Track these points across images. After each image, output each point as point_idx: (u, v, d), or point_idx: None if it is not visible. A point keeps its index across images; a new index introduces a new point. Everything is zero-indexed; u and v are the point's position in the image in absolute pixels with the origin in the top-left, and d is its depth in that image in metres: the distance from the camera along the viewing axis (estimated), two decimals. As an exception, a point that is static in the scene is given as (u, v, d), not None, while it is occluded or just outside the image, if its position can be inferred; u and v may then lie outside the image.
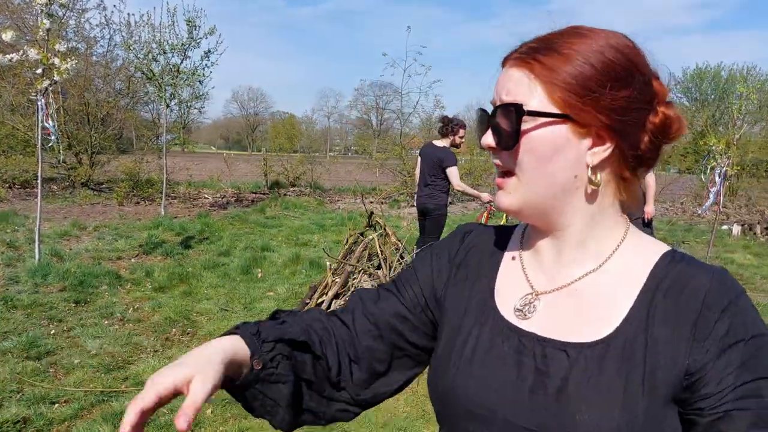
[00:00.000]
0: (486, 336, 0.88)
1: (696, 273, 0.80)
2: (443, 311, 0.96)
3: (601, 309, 0.82)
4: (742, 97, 8.04)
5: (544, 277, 0.90)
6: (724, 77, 27.74)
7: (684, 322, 0.77)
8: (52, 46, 6.30)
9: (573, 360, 0.79)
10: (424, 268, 1.01)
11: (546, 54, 0.81)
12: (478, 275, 0.96)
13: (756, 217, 14.40)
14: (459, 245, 1.01)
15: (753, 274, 8.59)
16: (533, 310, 0.87)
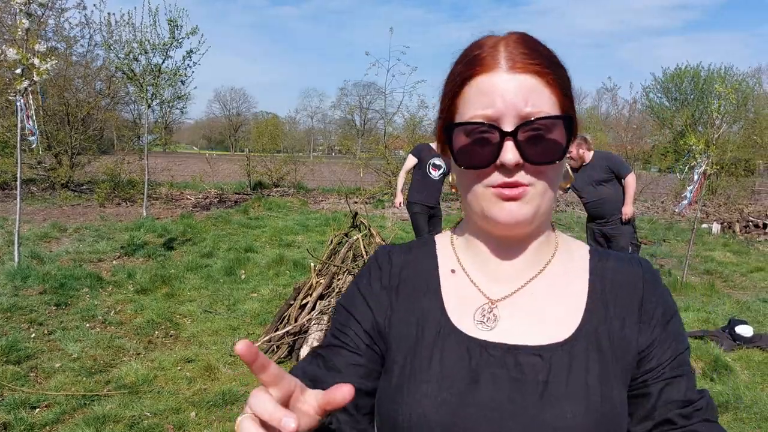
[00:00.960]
0: (451, 356, 0.82)
1: (628, 265, 0.92)
2: (390, 342, 0.88)
3: (559, 308, 0.86)
4: (721, 96, 8.14)
5: (497, 285, 0.88)
6: (703, 77, 28.07)
7: (631, 309, 0.87)
8: (32, 46, 6.22)
9: (548, 362, 0.81)
10: (359, 305, 0.91)
11: (547, 61, 0.81)
12: (419, 295, 0.90)
13: (735, 215, 14.62)
14: (388, 268, 0.93)
15: (732, 272, 8.72)
16: (495, 319, 0.85)
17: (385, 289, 0.92)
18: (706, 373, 4.66)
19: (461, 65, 0.83)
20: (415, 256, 0.95)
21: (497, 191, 0.80)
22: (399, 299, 0.91)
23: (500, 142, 0.78)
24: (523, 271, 0.88)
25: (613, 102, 29.93)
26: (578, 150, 6.42)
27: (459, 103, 0.82)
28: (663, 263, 9.22)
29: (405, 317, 0.89)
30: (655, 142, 26.50)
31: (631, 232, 6.47)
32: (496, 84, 0.79)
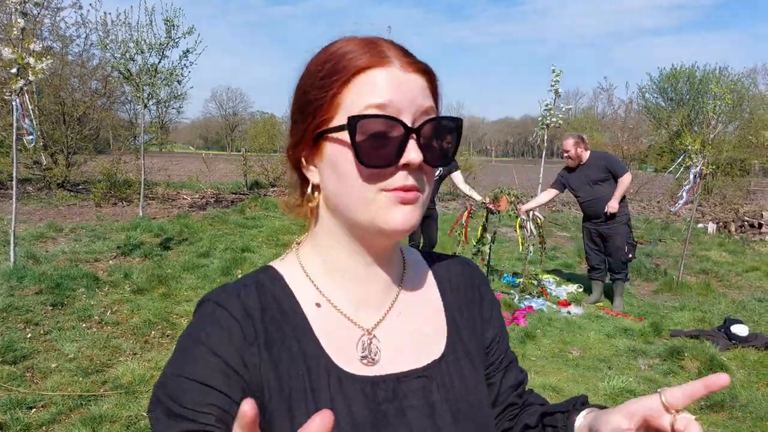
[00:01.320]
0: (342, 403, 0.75)
1: (461, 266, 0.96)
2: (273, 412, 0.73)
3: (425, 323, 0.86)
4: (717, 97, 8.17)
5: (366, 311, 0.82)
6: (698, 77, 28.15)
7: (476, 309, 0.92)
8: (27, 46, 6.20)
9: (434, 381, 0.81)
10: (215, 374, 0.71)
11: (423, 64, 0.78)
12: (293, 342, 0.76)
13: (730, 215, 14.67)
14: (245, 319, 0.75)
15: (728, 271, 8.75)
16: (377, 350, 0.80)
17: (248, 343, 0.74)
18: (702, 372, 4.68)
19: (344, 60, 0.75)
20: (270, 296, 0.79)
21: (396, 195, 0.73)
22: (271, 354, 0.75)
23: (404, 140, 0.73)
24: (386, 291, 0.84)
25: (609, 102, 30.04)
26: (576, 149, 6.44)
27: (344, 99, 0.74)
28: (659, 263, 9.25)
29: (282, 372, 0.74)
30: (652, 142, 26.56)
31: (627, 231, 6.49)
32: (393, 77, 0.74)
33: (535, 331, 5.60)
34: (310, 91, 0.77)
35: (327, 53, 0.77)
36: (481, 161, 25.19)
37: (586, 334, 5.61)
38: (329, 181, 0.77)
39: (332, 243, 0.81)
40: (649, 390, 4.43)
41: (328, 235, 0.81)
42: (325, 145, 0.76)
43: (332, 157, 0.75)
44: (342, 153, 0.74)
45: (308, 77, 0.78)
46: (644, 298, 7.17)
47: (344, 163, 0.74)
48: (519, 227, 6.89)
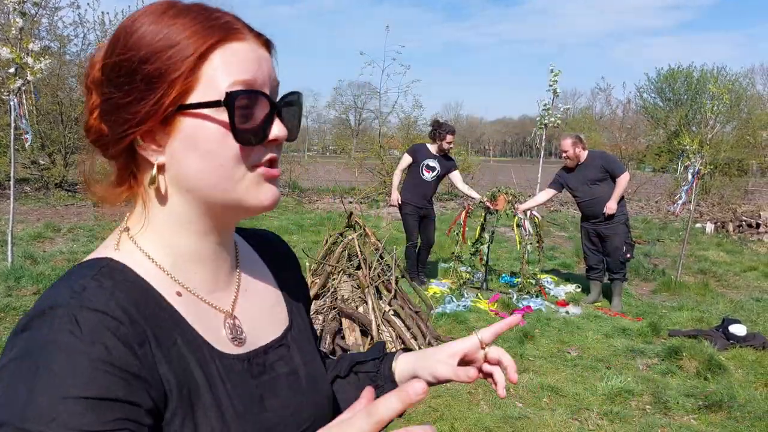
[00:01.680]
0: (232, 385, 0.74)
1: (267, 234, 0.99)
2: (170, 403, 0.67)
3: (268, 296, 0.89)
4: (715, 97, 8.18)
5: (220, 293, 0.81)
6: (696, 78, 28.20)
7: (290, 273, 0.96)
8: (25, 45, 6.19)
9: (290, 348, 0.85)
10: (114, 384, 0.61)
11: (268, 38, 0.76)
12: (174, 335, 0.71)
13: (728, 215, 14.69)
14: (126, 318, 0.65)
15: (726, 271, 8.76)
16: (241, 330, 0.80)
17: (141, 345, 0.66)
18: (700, 372, 4.68)
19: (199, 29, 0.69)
20: (133, 293, 0.70)
21: (265, 171, 0.73)
22: (162, 350, 0.68)
23: (270, 116, 0.72)
24: (231, 271, 0.84)
25: (607, 102, 30.06)
26: (574, 149, 6.45)
27: (205, 72, 0.69)
28: (657, 263, 9.26)
29: (179, 368, 0.69)
30: (649, 142, 26.60)
31: (625, 231, 6.50)
32: (253, 51, 0.72)
33: (533, 331, 5.60)
34: (155, 59, 0.68)
35: (171, 15, 0.70)
36: (479, 161, 25.16)
37: (584, 334, 5.61)
38: (187, 160, 0.70)
39: (180, 228, 0.75)
40: (648, 390, 4.43)
41: (176, 220, 0.75)
42: (181, 121, 0.69)
43: (194, 134, 0.69)
44: (208, 130, 0.69)
45: (149, 43, 0.68)
46: (642, 298, 7.18)
47: (210, 141, 0.69)
48: (516, 226, 6.89)
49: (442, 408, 4.00)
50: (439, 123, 7.24)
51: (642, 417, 4.01)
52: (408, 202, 7.08)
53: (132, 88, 0.69)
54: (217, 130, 0.69)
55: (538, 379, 4.55)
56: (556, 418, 3.91)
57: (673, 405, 4.17)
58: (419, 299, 5.55)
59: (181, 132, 0.70)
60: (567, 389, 4.38)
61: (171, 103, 0.68)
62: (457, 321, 5.79)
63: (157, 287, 0.72)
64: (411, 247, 7.10)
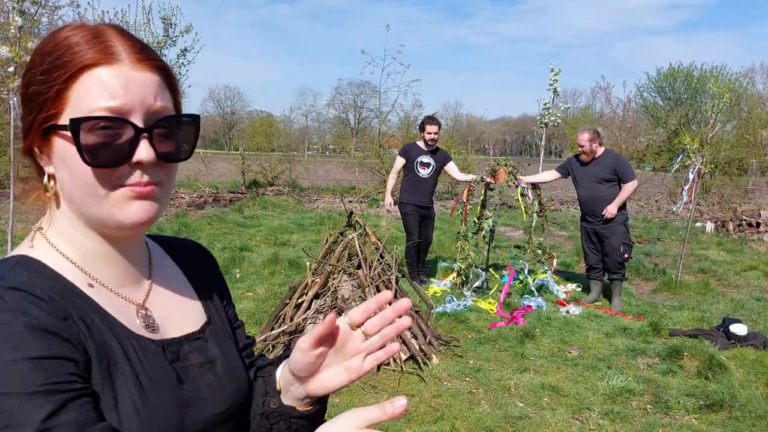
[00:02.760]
0: (147, 361, 0.79)
1: (187, 242, 1.05)
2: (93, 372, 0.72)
3: (182, 296, 0.94)
4: (715, 96, 8.17)
5: (131, 290, 0.86)
6: (696, 77, 28.18)
7: (208, 278, 1.01)
8: (25, 44, 6.17)
9: (208, 341, 0.91)
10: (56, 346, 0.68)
11: (160, 59, 0.80)
12: (92, 315, 0.76)
13: (729, 214, 14.68)
14: (50, 296, 0.72)
15: (726, 271, 8.75)
16: (153, 320, 0.85)
17: (65, 319, 0.72)
18: (701, 371, 4.67)
19: (68, 53, 0.74)
20: (49, 279, 0.76)
21: (130, 190, 0.76)
22: (85, 324, 0.74)
23: (134, 139, 0.75)
24: (141, 271, 0.89)
25: (607, 101, 30.00)
26: (591, 145, 6.45)
27: (72, 95, 0.74)
28: (657, 262, 9.25)
29: (100, 341, 0.75)
30: (650, 141, 26.59)
31: (623, 232, 6.51)
32: (122, 77, 0.74)
33: (534, 330, 5.59)
34: (32, 84, 0.76)
35: (52, 43, 0.76)
36: (480, 160, 25.15)
37: (585, 334, 5.60)
38: (62, 174, 0.77)
39: (77, 231, 0.81)
40: (648, 390, 4.42)
41: (71, 224, 0.81)
42: (54, 139, 0.76)
43: (62, 152, 0.75)
44: (70, 150, 0.74)
45: (31, 68, 0.76)
46: (643, 298, 7.17)
47: (73, 160, 0.74)
48: (521, 195, 6.84)
49: (442, 407, 4.00)
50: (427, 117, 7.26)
51: (643, 417, 4.01)
52: (408, 202, 7.07)
53: (24, 104, 0.78)
54: (75, 151, 0.74)
55: (539, 378, 4.55)
56: (557, 418, 3.91)
57: (674, 405, 4.16)
58: (419, 298, 5.54)
59: (54, 149, 0.76)
60: (568, 389, 4.38)
61: (42, 122, 0.75)
62: (458, 320, 5.79)
63: (71, 279, 0.78)
64: (411, 246, 7.09)
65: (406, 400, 0.67)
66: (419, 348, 4.72)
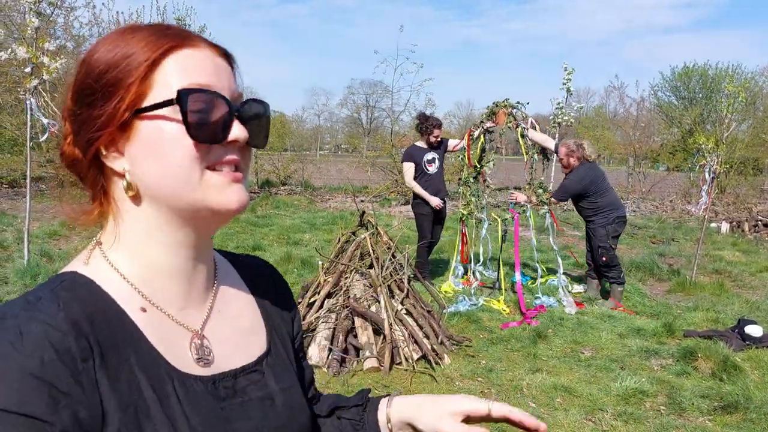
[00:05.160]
0: (190, 405, 0.72)
1: (255, 259, 0.98)
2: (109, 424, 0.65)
3: (245, 318, 0.87)
4: (730, 95, 8.09)
5: (189, 312, 0.79)
6: (711, 76, 27.92)
7: (279, 299, 0.95)
8: (41, 45, 6.24)
9: (265, 374, 0.83)
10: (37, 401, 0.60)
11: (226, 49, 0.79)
12: (127, 352, 0.70)
13: (744, 214, 14.53)
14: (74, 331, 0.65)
15: (741, 271, 8.67)
16: (209, 351, 0.79)
17: (84, 360, 0.65)
18: (716, 373, 4.64)
19: (155, 37, 0.72)
20: (93, 303, 0.70)
21: (223, 173, 0.73)
22: (108, 367, 0.67)
23: (228, 118, 0.72)
24: (205, 289, 0.83)
25: (620, 100, 29.73)
26: (568, 159, 6.61)
27: (160, 76, 0.71)
28: (672, 262, 9.18)
29: (126, 387, 0.68)
30: (664, 140, 26.37)
31: (602, 234, 6.64)
32: (208, 58, 0.73)
33: (546, 330, 5.57)
34: (112, 69, 0.71)
35: (129, 33, 0.73)
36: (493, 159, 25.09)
37: (598, 334, 5.58)
38: (146, 164, 0.71)
39: (150, 240, 0.75)
40: (662, 391, 4.40)
41: (145, 230, 0.75)
42: (138, 125, 0.71)
43: (150, 137, 0.71)
44: (163, 131, 0.70)
45: (106, 58, 0.72)
46: (657, 298, 7.12)
47: (165, 142, 0.70)
48: (521, 137, 6.74)
49: (454, 407, 3.99)
50: (426, 116, 7.14)
51: (656, 418, 3.99)
52: (424, 202, 7.03)
53: (93, 101, 0.71)
54: (172, 130, 0.70)
55: (552, 379, 4.53)
56: (569, 419, 3.90)
57: (687, 406, 4.14)
58: (431, 298, 5.54)
59: (138, 136, 0.71)
60: (581, 390, 4.36)
61: (127, 108, 0.70)
62: (470, 320, 5.78)
63: (120, 302, 0.72)
64: (423, 246, 7.09)
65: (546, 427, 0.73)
66: (431, 347, 4.72)
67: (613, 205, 6.70)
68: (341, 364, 4.55)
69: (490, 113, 6.81)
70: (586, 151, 6.58)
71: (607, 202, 6.63)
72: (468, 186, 6.94)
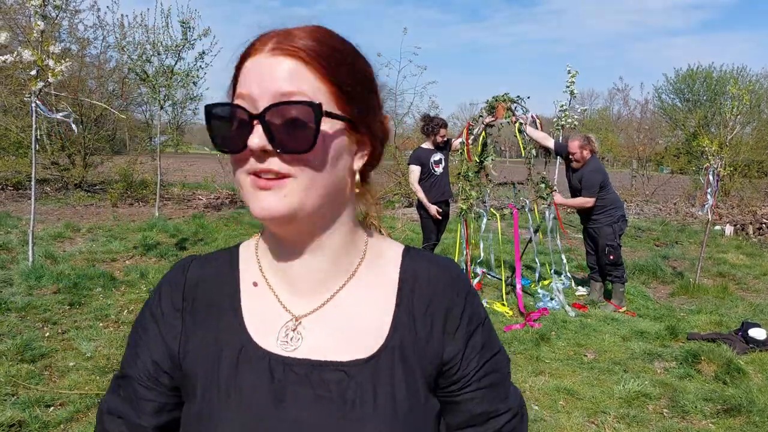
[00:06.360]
0: (251, 377, 0.78)
1: (438, 268, 0.88)
2: (186, 370, 0.83)
3: (365, 320, 0.83)
4: (734, 98, 8.08)
5: (301, 298, 0.83)
6: (715, 78, 27.85)
7: (436, 316, 0.84)
8: (46, 48, 6.28)
9: (353, 378, 0.78)
10: (150, 331, 0.87)
11: (323, 50, 0.76)
12: (218, 315, 0.84)
13: (748, 217, 14.48)
14: (181, 286, 0.87)
15: (745, 274, 8.65)
16: (300, 337, 0.80)
17: (178, 310, 0.86)
18: (719, 376, 4.63)
19: (238, 52, 0.80)
20: (215, 269, 0.88)
21: (252, 179, 0.74)
22: (195, 321, 0.85)
23: (249, 125, 0.73)
24: (326, 280, 0.83)
25: (624, 103, 29.75)
26: (582, 152, 6.51)
27: (236, 88, 0.77)
28: (675, 265, 9.16)
29: (202, 341, 0.83)
30: (668, 143, 26.32)
31: (608, 233, 6.59)
32: (257, 65, 0.75)
33: (549, 333, 5.57)
34: None
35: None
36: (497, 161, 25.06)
37: (601, 337, 5.57)
38: None
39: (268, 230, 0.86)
40: (665, 394, 4.39)
41: None
42: None
43: None
44: None
45: None
46: (660, 301, 7.11)
47: None
48: (519, 132, 6.76)
49: (457, 410, 3.99)
50: (431, 117, 7.16)
51: (659, 421, 3.98)
52: (431, 203, 7.03)
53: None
54: None
55: (555, 381, 4.53)
56: (572, 422, 3.89)
57: (691, 409, 4.13)
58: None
59: None
60: (583, 392, 4.36)
61: None
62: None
63: (242, 272, 0.87)
64: (428, 248, 7.09)
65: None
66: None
67: (617, 203, 6.72)
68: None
69: (490, 108, 6.83)
70: (595, 144, 6.63)
71: (612, 199, 6.65)
72: (468, 180, 6.95)
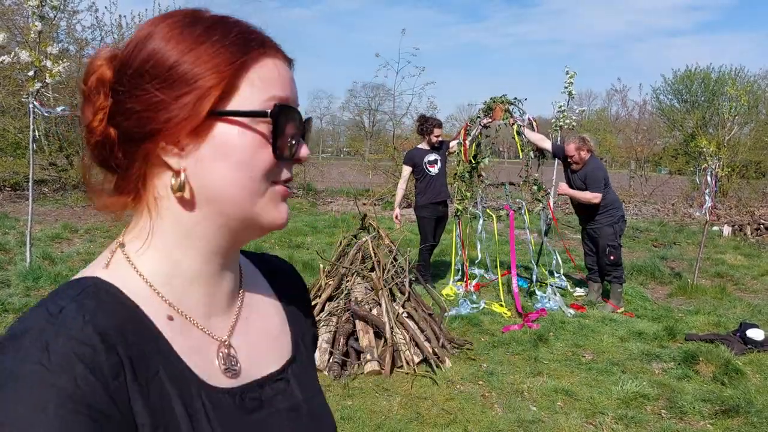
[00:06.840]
0: (218, 422, 0.68)
1: (280, 262, 0.95)
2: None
3: (271, 324, 0.84)
4: (732, 98, 8.10)
5: (216, 319, 0.76)
6: (713, 79, 27.91)
7: (300, 305, 0.91)
8: (44, 48, 6.27)
9: (290, 382, 0.80)
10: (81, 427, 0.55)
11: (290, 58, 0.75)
12: (156, 366, 0.65)
13: (746, 218, 14.49)
14: (103, 346, 0.60)
15: (743, 275, 8.66)
16: (236, 361, 0.75)
17: (116, 377, 0.60)
18: (717, 377, 4.63)
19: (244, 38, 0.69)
20: (119, 313, 0.65)
21: (282, 189, 0.71)
22: (139, 384, 0.62)
23: (300, 135, 0.72)
24: (232, 295, 0.79)
25: (623, 103, 29.76)
26: (579, 153, 6.53)
27: (244, 82, 0.68)
28: (673, 266, 9.17)
29: (158, 405, 0.64)
30: (666, 144, 26.36)
31: (609, 233, 6.61)
32: (284, 69, 0.72)
33: (547, 334, 5.57)
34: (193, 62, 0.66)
35: (209, 24, 0.69)
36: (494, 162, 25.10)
37: (599, 338, 5.57)
38: (215, 168, 0.67)
39: (186, 244, 0.70)
40: (663, 395, 4.39)
41: (185, 234, 0.70)
42: (216, 127, 0.67)
43: (228, 142, 0.67)
44: (245, 140, 0.67)
45: (183, 45, 0.67)
46: (658, 302, 7.12)
47: (245, 151, 0.67)
48: (517, 134, 6.77)
49: (455, 411, 4.00)
50: (426, 118, 7.19)
51: (657, 422, 3.98)
52: (427, 204, 7.02)
53: (164, 88, 0.65)
54: (254, 141, 0.68)
55: (553, 382, 4.53)
56: (570, 422, 3.89)
57: (688, 410, 4.13)
58: (433, 301, 5.55)
59: (213, 138, 0.67)
60: (581, 393, 4.36)
61: (211, 107, 0.66)
62: (471, 323, 5.78)
63: (146, 311, 0.67)
64: (425, 249, 7.09)
65: None
66: (432, 351, 4.72)
67: (617, 203, 6.75)
68: (342, 367, 4.55)
69: (487, 109, 6.85)
70: (591, 143, 6.65)
71: (613, 199, 6.67)
72: (463, 181, 6.96)
